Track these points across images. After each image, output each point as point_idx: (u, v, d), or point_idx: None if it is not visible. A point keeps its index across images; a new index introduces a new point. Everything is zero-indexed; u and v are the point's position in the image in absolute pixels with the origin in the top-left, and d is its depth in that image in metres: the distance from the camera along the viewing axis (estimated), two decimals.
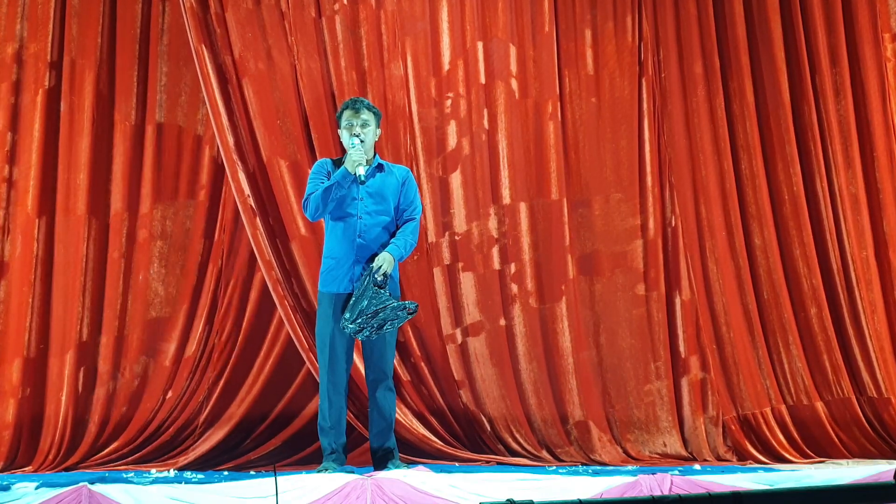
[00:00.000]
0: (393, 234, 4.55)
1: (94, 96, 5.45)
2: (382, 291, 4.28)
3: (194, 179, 5.53)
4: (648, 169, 5.65)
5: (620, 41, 5.76)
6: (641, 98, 5.71)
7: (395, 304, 4.29)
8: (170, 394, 5.32)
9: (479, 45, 5.61)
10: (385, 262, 4.37)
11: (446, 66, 5.58)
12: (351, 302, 4.31)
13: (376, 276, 4.30)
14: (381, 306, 4.25)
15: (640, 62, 5.75)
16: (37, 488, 3.87)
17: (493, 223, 5.53)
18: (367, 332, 4.30)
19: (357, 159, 4.39)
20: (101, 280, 5.37)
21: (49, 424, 5.17)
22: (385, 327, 4.33)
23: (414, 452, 5.06)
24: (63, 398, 5.18)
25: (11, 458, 5.10)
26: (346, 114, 4.56)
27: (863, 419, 5.33)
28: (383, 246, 4.47)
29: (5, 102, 5.39)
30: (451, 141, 5.54)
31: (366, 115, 4.54)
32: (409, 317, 4.40)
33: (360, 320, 4.26)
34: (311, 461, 4.97)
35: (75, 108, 5.43)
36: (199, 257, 5.47)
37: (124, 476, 4.54)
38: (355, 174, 4.39)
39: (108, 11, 5.53)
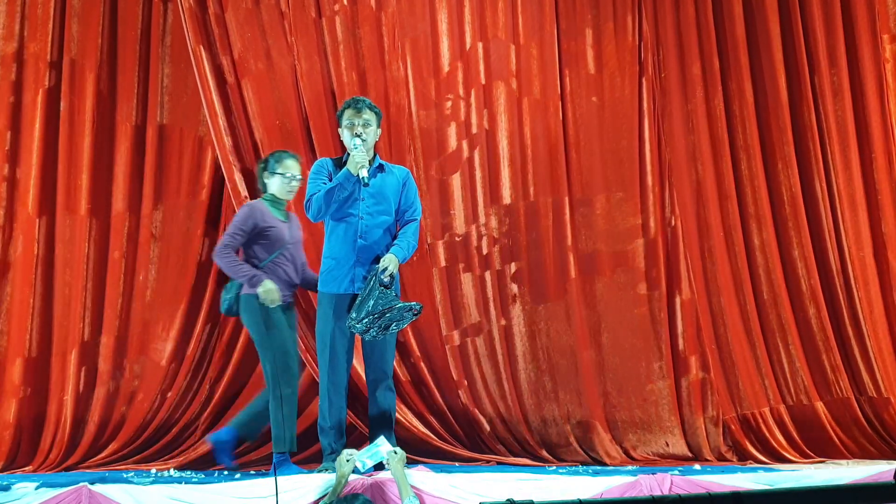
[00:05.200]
0: (394, 235, 4.55)
1: (95, 97, 5.45)
2: (389, 292, 4.28)
3: (196, 180, 5.53)
4: (649, 168, 5.66)
5: (621, 41, 5.76)
6: (642, 97, 5.72)
7: (402, 304, 4.29)
8: (170, 394, 5.32)
9: (479, 45, 5.61)
10: (391, 262, 4.37)
11: (446, 67, 5.59)
12: (357, 302, 4.31)
13: (382, 276, 4.30)
14: (388, 307, 4.25)
15: (640, 62, 5.76)
16: (37, 488, 3.87)
17: (493, 223, 5.53)
18: (374, 333, 4.30)
19: (360, 161, 4.38)
20: (101, 280, 5.37)
21: (50, 424, 5.17)
22: (391, 328, 4.33)
23: (414, 452, 5.05)
24: (65, 398, 5.18)
25: (12, 458, 5.09)
26: (348, 113, 4.55)
27: (862, 419, 5.33)
28: (387, 247, 4.47)
29: (5, 102, 5.39)
30: (452, 142, 5.54)
31: (367, 115, 4.53)
32: (415, 317, 4.40)
33: (366, 320, 4.25)
34: (311, 461, 4.97)
35: (76, 108, 5.43)
36: (199, 256, 5.47)
37: (124, 476, 4.53)
38: (358, 175, 4.38)
39: (108, 12, 5.53)
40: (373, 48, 5.49)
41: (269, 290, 4.48)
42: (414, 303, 4.36)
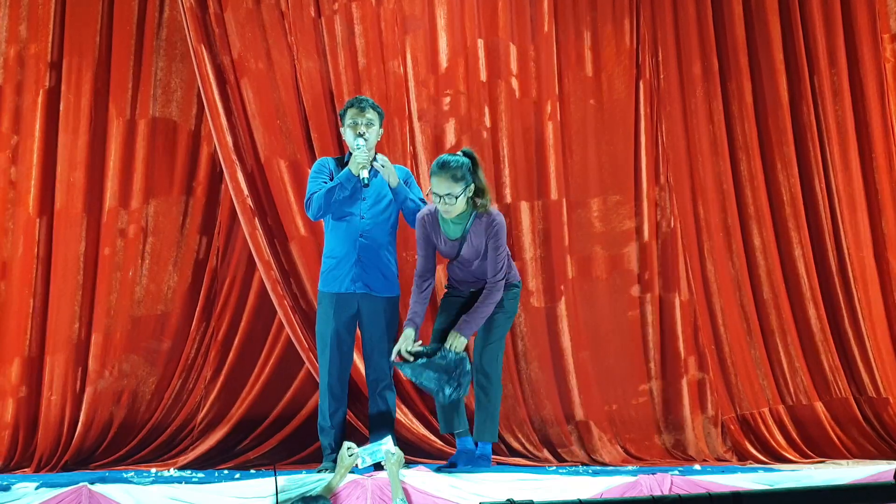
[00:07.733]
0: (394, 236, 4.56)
1: (92, 94, 5.44)
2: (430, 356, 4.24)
3: (190, 175, 5.51)
4: (644, 171, 5.65)
5: (619, 43, 5.75)
6: (638, 101, 5.72)
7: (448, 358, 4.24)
8: (166, 393, 5.31)
9: (480, 42, 5.59)
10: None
11: (445, 64, 5.57)
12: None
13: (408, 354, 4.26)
14: (441, 365, 4.21)
15: (637, 65, 5.75)
16: (37, 488, 3.87)
17: None
18: (451, 389, 4.24)
19: (362, 161, 4.38)
20: (93, 277, 5.33)
21: (48, 424, 5.15)
22: (462, 378, 4.25)
23: (414, 452, 5.05)
24: (62, 398, 5.17)
25: (10, 459, 5.08)
26: (351, 112, 4.54)
27: (862, 419, 5.34)
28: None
29: (8, 104, 5.39)
30: (451, 138, 5.53)
31: (370, 115, 4.52)
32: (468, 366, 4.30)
33: (436, 380, 4.22)
34: (311, 461, 4.97)
35: (74, 107, 5.41)
36: (195, 254, 5.46)
37: (124, 476, 4.53)
38: (359, 176, 4.38)
39: (105, 9, 5.52)
40: (372, 45, 5.47)
41: None
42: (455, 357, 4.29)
